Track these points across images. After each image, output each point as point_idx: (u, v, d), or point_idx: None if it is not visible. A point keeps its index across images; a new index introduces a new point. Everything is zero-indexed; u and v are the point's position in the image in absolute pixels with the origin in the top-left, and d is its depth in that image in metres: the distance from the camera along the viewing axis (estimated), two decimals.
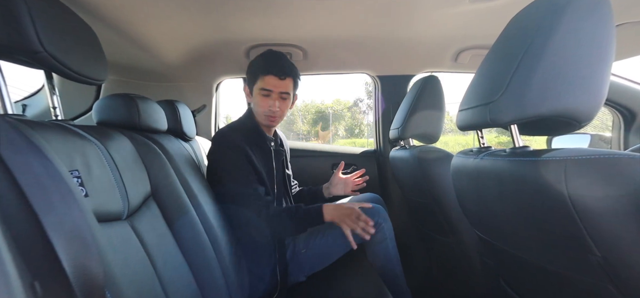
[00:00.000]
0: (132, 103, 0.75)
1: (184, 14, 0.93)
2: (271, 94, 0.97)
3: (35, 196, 0.32)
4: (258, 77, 0.97)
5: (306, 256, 0.98)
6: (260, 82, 0.97)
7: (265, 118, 1.00)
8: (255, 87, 0.99)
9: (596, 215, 0.38)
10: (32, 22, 0.40)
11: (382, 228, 0.99)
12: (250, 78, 1.01)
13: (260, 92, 0.97)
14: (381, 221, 0.99)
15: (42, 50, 0.42)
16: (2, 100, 0.43)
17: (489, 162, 0.56)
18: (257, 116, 1.02)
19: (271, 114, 0.99)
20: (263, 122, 1.01)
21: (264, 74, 0.96)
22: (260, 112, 1.00)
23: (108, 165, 0.55)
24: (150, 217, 0.66)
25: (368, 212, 0.96)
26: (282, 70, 0.96)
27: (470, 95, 0.59)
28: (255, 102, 1.00)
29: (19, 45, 0.40)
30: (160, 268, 0.61)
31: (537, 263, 0.53)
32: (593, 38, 0.43)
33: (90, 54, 0.54)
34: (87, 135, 0.53)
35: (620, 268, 0.38)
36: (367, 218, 0.89)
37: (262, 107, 0.98)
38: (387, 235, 1.00)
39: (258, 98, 0.98)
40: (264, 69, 0.96)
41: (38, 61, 0.43)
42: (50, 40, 0.43)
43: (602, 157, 0.38)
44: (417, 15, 1.02)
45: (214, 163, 0.96)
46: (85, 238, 0.36)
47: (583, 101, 0.44)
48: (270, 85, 0.96)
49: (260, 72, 0.97)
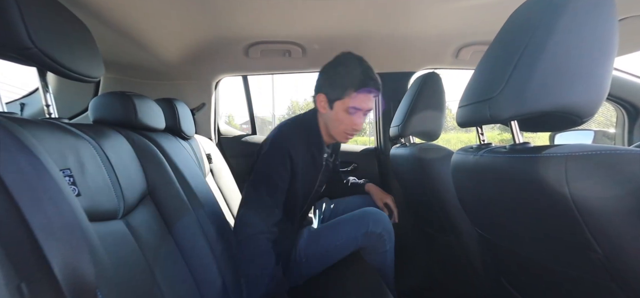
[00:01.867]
0: (128, 101, 0.74)
1: (182, 11, 0.92)
2: (359, 112, 0.87)
3: (23, 195, 0.31)
4: (348, 92, 0.84)
5: (305, 264, 0.97)
6: (350, 99, 0.84)
7: (343, 136, 0.91)
8: (341, 102, 0.85)
9: (597, 212, 0.37)
10: (22, 17, 0.40)
11: (384, 240, 0.98)
12: (335, 90, 0.86)
13: (347, 109, 0.85)
14: (384, 233, 0.97)
15: (33, 47, 0.41)
16: None
17: (488, 159, 0.55)
18: (330, 129, 0.91)
19: (352, 134, 0.90)
20: (340, 138, 0.92)
21: (358, 89, 0.84)
22: (339, 129, 0.89)
23: (103, 164, 0.55)
24: (147, 217, 0.66)
25: (375, 218, 0.96)
26: (377, 86, 0.86)
27: (469, 91, 0.58)
28: (336, 117, 0.87)
29: (8, 42, 0.40)
30: (157, 267, 0.61)
31: (539, 261, 0.52)
32: (595, 32, 0.42)
33: (84, 51, 0.54)
34: (81, 134, 0.52)
35: (622, 266, 0.37)
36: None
37: (345, 124, 0.87)
38: (387, 247, 0.99)
39: (342, 114, 0.86)
40: (359, 84, 0.83)
41: (29, 58, 0.42)
42: (42, 36, 0.43)
43: (603, 153, 0.37)
44: (417, 11, 1.01)
45: (261, 150, 0.90)
46: (75, 238, 0.35)
47: (585, 96, 0.43)
48: (362, 104, 0.85)
49: (352, 88, 0.84)
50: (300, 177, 0.88)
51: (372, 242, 0.97)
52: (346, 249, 0.97)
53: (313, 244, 0.97)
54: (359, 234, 0.96)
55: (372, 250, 0.98)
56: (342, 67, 0.86)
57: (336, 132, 0.91)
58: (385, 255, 1.00)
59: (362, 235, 0.96)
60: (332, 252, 0.96)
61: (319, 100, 0.90)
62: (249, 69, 1.45)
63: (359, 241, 0.96)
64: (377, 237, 0.97)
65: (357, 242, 0.96)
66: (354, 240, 0.96)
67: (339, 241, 0.96)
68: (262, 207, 0.82)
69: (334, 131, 0.91)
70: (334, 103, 0.87)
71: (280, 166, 0.84)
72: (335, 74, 0.86)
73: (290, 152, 0.84)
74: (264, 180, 0.84)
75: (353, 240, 0.96)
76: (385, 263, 1.00)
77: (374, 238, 0.97)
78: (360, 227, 0.97)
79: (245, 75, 1.58)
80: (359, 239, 0.96)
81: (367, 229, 0.96)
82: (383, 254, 0.99)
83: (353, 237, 0.96)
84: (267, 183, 0.83)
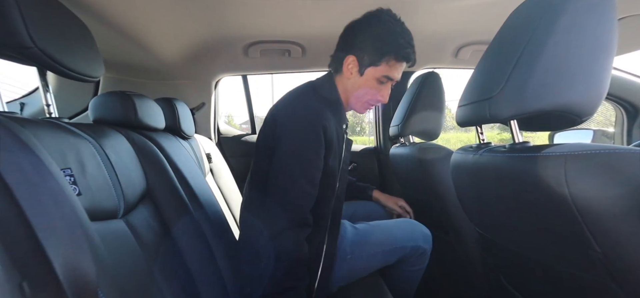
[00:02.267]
0: (128, 100, 0.74)
1: (182, 11, 0.92)
2: (389, 83, 0.78)
3: (24, 195, 0.32)
4: (386, 58, 0.74)
5: (350, 262, 0.85)
6: (388, 67, 0.74)
7: (364, 107, 0.81)
8: (374, 69, 0.75)
9: (597, 211, 0.37)
10: (22, 16, 0.40)
11: (425, 259, 0.95)
12: (372, 54, 0.74)
13: (380, 77, 0.76)
14: (427, 253, 0.94)
15: (33, 46, 0.42)
16: None
17: (488, 158, 0.55)
18: (351, 97, 0.80)
19: (374, 105, 0.82)
20: (358, 109, 0.82)
21: (398, 59, 0.74)
22: (363, 99, 0.79)
23: (103, 163, 0.55)
24: (147, 216, 0.66)
25: (424, 234, 0.94)
26: (413, 56, 0.76)
27: (469, 91, 0.58)
28: (365, 84, 0.77)
29: (8, 41, 0.40)
30: (156, 266, 0.61)
31: (538, 260, 0.52)
32: (595, 32, 0.42)
33: (84, 51, 0.54)
34: (81, 133, 0.52)
35: (621, 264, 0.37)
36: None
37: (371, 95, 0.78)
38: (423, 266, 0.96)
39: (372, 82, 0.76)
40: (401, 52, 0.73)
41: (29, 57, 0.42)
42: (42, 36, 0.43)
43: (603, 153, 0.37)
44: (416, 11, 1.01)
45: (281, 131, 0.71)
46: (76, 238, 0.35)
47: (584, 95, 0.43)
48: (397, 74, 0.76)
49: (392, 54, 0.73)
50: (333, 153, 0.75)
51: (415, 256, 0.93)
52: (392, 256, 0.90)
53: (362, 241, 0.87)
54: (409, 245, 0.90)
55: (411, 264, 0.94)
56: (384, 28, 0.73)
57: (358, 102, 0.80)
58: (419, 274, 0.97)
59: (411, 247, 0.91)
60: (379, 256, 0.88)
61: (346, 63, 0.77)
62: (249, 68, 1.45)
63: (406, 251, 0.90)
64: (421, 254, 0.93)
65: (405, 251, 0.90)
66: (402, 249, 0.90)
67: (388, 246, 0.88)
68: (297, 194, 0.69)
69: (355, 100, 0.80)
70: (366, 69, 0.75)
71: (315, 142, 0.70)
72: (374, 35, 0.74)
73: (325, 125, 0.70)
74: (296, 160, 0.69)
75: (401, 249, 0.90)
76: (415, 280, 0.98)
77: (419, 253, 0.92)
78: (410, 238, 0.92)
79: (245, 74, 1.58)
80: (407, 249, 0.90)
81: (416, 243, 0.91)
82: (418, 272, 0.96)
83: (402, 246, 0.90)
84: (300, 163, 0.69)
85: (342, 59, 0.78)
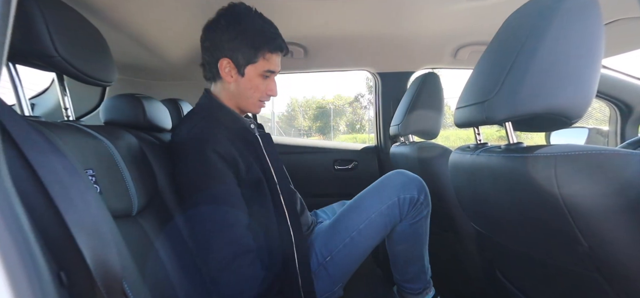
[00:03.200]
0: (137, 103, 0.77)
1: (188, 14, 0.94)
2: (273, 75, 0.77)
3: (58, 194, 0.34)
4: (261, 54, 0.73)
5: (331, 264, 0.78)
6: (264, 62, 0.74)
7: (257, 106, 0.78)
8: (253, 67, 0.73)
9: (584, 208, 0.40)
10: (47, 28, 0.42)
11: (421, 204, 0.81)
12: (244, 54, 0.72)
13: (261, 73, 0.75)
14: (420, 196, 0.81)
15: (56, 55, 0.44)
16: (19, 102, 0.46)
17: (484, 158, 0.58)
18: (241, 100, 0.77)
19: (267, 100, 0.79)
20: (253, 109, 0.79)
21: (271, 51, 0.74)
22: (253, 98, 0.76)
23: (118, 164, 0.57)
24: (158, 213, 0.69)
25: (404, 180, 0.81)
26: (285, 44, 0.77)
27: (466, 94, 0.61)
28: (250, 84, 0.75)
29: (34, 51, 0.43)
30: (169, 262, 0.64)
31: (530, 254, 0.55)
32: (583, 38, 0.45)
33: (99, 57, 0.56)
34: (98, 135, 0.55)
35: (605, 257, 0.40)
36: None
37: (260, 91, 0.76)
38: (425, 212, 0.83)
39: (257, 81, 0.75)
40: (271, 46, 0.73)
41: (52, 65, 0.45)
42: (64, 44, 0.45)
43: (591, 153, 0.40)
44: (416, 13, 1.04)
45: (175, 167, 0.70)
46: (103, 233, 0.38)
47: (574, 98, 0.46)
48: (276, 66, 0.76)
49: (265, 49, 0.73)
50: (245, 165, 0.71)
51: (406, 212, 0.79)
52: (374, 230, 0.78)
53: (334, 236, 0.79)
54: (384, 206, 0.78)
55: (409, 223, 0.81)
56: (248, 24, 0.72)
57: (249, 103, 0.77)
58: (423, 222, 0.83)
59: (391, 205, 0.78)
60: (359, 239, 0.77)
61: (222, 68, 0.73)
62: None
63: (391, 216, 0.79)
64: (412, 204, 0.79)
65: (390, 217, 0.79)
66: (381, 216, 0.78)
67: (362, 223, 0.78)
68: (221, 222, 0.65)
69: (245, 102, 0.77)
70: (245, 68, 0.73)
71: (208, 168, 0.66)
72: (241, 33, 0.71)
73: (216, 149, 0.67)
74: (203, 199, 0.65)
75: (380, 215, 0.78)
76: (423, 232, 0.84)
77: (407, 205, 0.79)
78: (386, 195, 0.79)
79: None
80: (389, 213, 0.78)
81: (397, 197, 0.78)
82: (420, 222, 0.82)
83: (379, 211, 0.78)
84: (208, 200, 0.65)
85: (215, 64, 0.74)
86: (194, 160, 0.66)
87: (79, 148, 0.47)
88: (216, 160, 0.66)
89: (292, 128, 19.85)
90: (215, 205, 0.65)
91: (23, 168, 0.32)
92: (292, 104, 20.54)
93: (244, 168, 0.70)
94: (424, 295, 0.91)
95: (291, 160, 1.50)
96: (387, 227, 0.80)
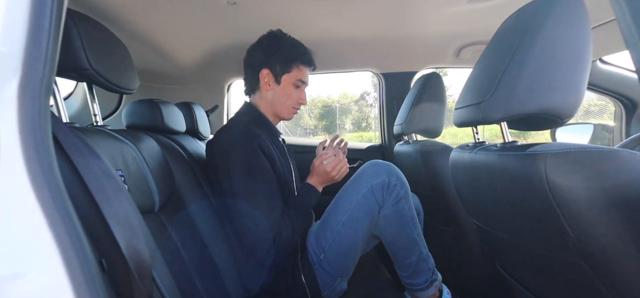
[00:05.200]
0: (156, 108, 0.82)
1: (200, 21, 1.00)
2: (303, 86, 0.92)
3: (96, 191, 0.39)
4: (294, 65, 0.87)
5: (325, 261, 0.82)
6: (297, 71, 0.88)
7: (291, 112, 0.91)
8: (288, 76, 0.88)
9: (571, 202, 0.43)
10: (82, 44, 0.48)
11: (394, 186, 0.82)
12: (282, 65, 0.87)
13: (294, 83, 0.89)
14: (391, 179, 0.82)
15: (90, 68, 0.49)
16: (58, 110, 0.51)
17: (482, 156, 0.61)
18: (277, 106, 0.89)
19: (298, 108, 0.92)
20: (287, 115, 0.91)
21: (304, 64, 0.89)
22: (286, 104, 0.89)
23: (141, 165, 0.63)
24: (176, 211, 0.74)
25: (373, 170, 0.83)
26: (314, 62, 0.92)
27: (464, 95, 0.64)
28: (284, 92, 0.88)
29: (71, 65, 0.48)
30: (188, 256, 0.69)
31: (524, 246, 0.58)
32: (573, 42, 0.48)
33: (124, 67, 0.62)
34: (123, 139, 0.60)
35: (591, 248, 0.44)
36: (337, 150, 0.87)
37: (293, 99, 0.89)
38: (402, 194, 0.83)
39: (289, 89, 0.89)
40: (304, 59, 0.88)
41: (85, 77, 0.50)
42: (95, 58, 0.51)
43: (577, 151, 0.43)
44: (419, 14, 1.07)
45: (223, 161, 0.77)
46: (134, 226, 0.43)
47: (565, 99, 0.49)
48: (306, 78, 0.91)
49: (298, 61, 0.88)
50: (280, 166, 0.83)
51: (381, 196, 0.81)
52: (356, 221, 0.81)
53: (323, 233, 0.85)
54: (360, 195, 0.81)
55: (390, 207, 0.82)
56: (284, 42, 0.88)
57: (284, 109, 0.90)
58: (404, 203, 0.83)
59: (366, 193, 0.81)
60: (344, 232, 0.81)
61: (262, 77, 0.88)
62: None
63: (368, 204, 0.81)
64: (384, 187, 0.81)
65: (367, 205, 0.81)
66: (359, 205, 0.81)
67: (344, 216, 0.82)
68: (266, 204, 0.75)
69: (280, 108, 0.89)
70: (282, 77, 0.87)
71: (256, 157, 0.76)
72: (279, 48, 0.86)
73: (259, 143, 0.77)
74: (250, 180, 0.75)
75: (358, 206, 0.81)
76: (406, 213, 0.84)
77: (380, 190, 0.81)
78: (360, 185, 0.82)
79: None
80: (366, 201, 0.81)
81: (369, 184, 0.81)
82: (401, 203, 0.83)
83: (356, 201, 0.81)
84: (254, 180, 0.75)
85: (256, 77, 0.88)
86: (245, 152, 0.76)
87: (109, 151, 0.52)
88: (260, 154, 0.77)
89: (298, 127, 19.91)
90: (263, 189, 0.76)
91: (69, 170, 0.37)
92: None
93: (279, 167, 0.82)
94: (433, 289, 0.89)
95: (298, 160, 1.54)
96: (367, 215, 0.82)
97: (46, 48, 0.32)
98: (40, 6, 0.32)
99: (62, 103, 0.51)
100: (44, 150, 0.33)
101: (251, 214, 0.74)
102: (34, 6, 0.32)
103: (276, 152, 0.84)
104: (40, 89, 0.33)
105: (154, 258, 0.46)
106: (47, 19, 0.32)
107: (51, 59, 0.33)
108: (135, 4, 0.82)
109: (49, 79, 0.34)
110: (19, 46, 0.32)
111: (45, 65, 0.33)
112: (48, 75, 0.33)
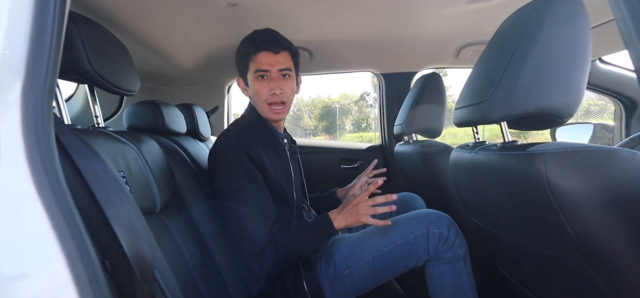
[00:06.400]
0: (157, 109, 0.83)
1: (200, 24, 1.00)
2: (269, 73, 0.80)
3: (99, 193, 0.40)
4: (249, 59, 0.80)
5: (349, 278, 0.77)
6: (253, 63, 0.80)
7: (269, 109, 0.82)
8: (249, 73, 0.82)
9: (571, 201, 0.43)
10: (84, 46, 0.48)
11: (453, 244, 0.75)
12: (242, 65, 0.83)
13: (256, 76, 0.80)
14: (451, 235, 0.75)
15: (91, 70, 0.50)
16: (60, 112, 0.51)
17: (482, 156, 0.61)
18: (259, 108, 0.84)
19: (275, 100, 0.81)
20: (268, 114, 0.83)
21: (255, 52, 0.79)
22: (261, 101, 0.81)
23: (142, 166, 0.63)
24: (177, 212, 0.74)
25: (435, 216, 0.77)
26: (276, 42, 0.80)
27: (464, 95, 0.64)
28: (254, 91, 0.82)
29: (73, 67, 0.48)
30: (189, 257, 0.69)
31: (524, 245, 0.58)
32: (572, 42, 0.48)
33: (125, 70, 0.62)
34: (125, 140, 0.61)
35: (590, 246, 0.44)
36: (387, 195, 0.74)
37: (262, 93, 0.81)
38: (460, 252, 0.76)
39: (256, 85, 0.81)
40: (254, 47, 0.80)
41: (87, 79, 0.51)
42: (97, 60, 0.51)
43: (575, 150, 0.43)
44: (419, 15, 1.07)
45: (214, 170, 0.77)
46: (137, 228, 0.44)
47: (564, 99, 0.49)
48: (265, 64, 0.79)
49: (250, 53, 0.80)
50: (274, 173, 0.79)
51: (434, 246, 0.75)
52: (398, 258, 0.76)
53: (356, 252, 0.78)
54: (412, 236, 0.75)
55: (437, 261, 0.76)
56: (243, 41, 0.83)
57: (263, 109, 0.83)
58: (458, 267, 0.76)
59: (419, 237, 0.75)
60: (381, 261, 0.76)
61: (241, 87, 0.87)
62: None
63: (417, 246, 0.75)
64: (440, 240, 0.75)
65: (416, 248, 0.75)
66: (407, 245, 0.75)
67: (386, 246, 0.76)
68: (254, 214, 0.72)
69: (260, 109, 0.83)
70: (247, 77, 0.83)
71: (243, 168, 0.74)
72: (239, 50, 0.84)
73: (246, 150, 0.75)
74: (237, 188, 0.73)
75: (406, 245, 0.75)
76: (461, 280, 0.76)
77: (436, 240, 0.75)
78: (415, 226, 0.76)
79: None
80: (416, 243, 0.75)
81: (426, 229, 0.75)
82: (453, 265, 0.76)
83: (406, 240, 0.75)
84: (241, 189, 0.73)
85: (240, 87, 0.88)
86: (232, 160, 0.75)
87: (110, 152, 0.52)
88: (247, 162, 0.75)
89: (298, 128, 19.91)
90: (249, 198, 0.74)
91: (72, 172, 0.38)
92: (298, 104, 20.60)
93: (272, 174, 0.79)
94: None
95: None
96: (411, 257, 0.76)
97: (49, 51, 0.33)
98: (42, 10, 0.33)
99: (64, 105, 0.52)
100: (47, 152, 0.33)
101: (239, 221, 0.73)
102: (36, 10, 0.33)
103: (272, 157, 0.81)
104: (43, 92, 0.33)
105: (156, 258, 0.46)
106: (50, 22, 0.33)
107: (53, 61, 0.33)
108: (136, 7, 0.82)
109: (52, 82, 0.34)
110: (22, 49, 0.32)
111: (48, 67, 0.33)
112: (50, 77, 0.34)
